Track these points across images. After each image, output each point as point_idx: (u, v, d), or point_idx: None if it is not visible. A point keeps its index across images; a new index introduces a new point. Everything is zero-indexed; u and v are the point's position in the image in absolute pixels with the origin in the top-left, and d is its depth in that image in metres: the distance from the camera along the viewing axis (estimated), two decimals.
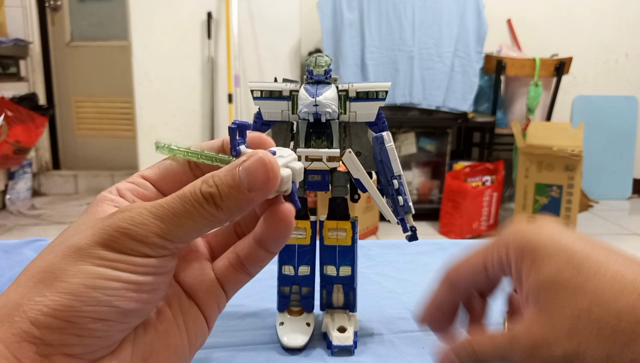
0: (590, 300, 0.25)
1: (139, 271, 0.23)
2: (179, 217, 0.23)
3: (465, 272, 0.31)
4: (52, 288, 0.22)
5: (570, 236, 0.28)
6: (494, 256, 0.30)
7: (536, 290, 0.27)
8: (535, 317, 0.27)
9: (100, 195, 0.27)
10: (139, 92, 2.66)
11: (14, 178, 2.88)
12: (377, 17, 2.56)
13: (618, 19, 2.95)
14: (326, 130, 0.46)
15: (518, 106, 2.79)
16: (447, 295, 0.33)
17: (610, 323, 0.24)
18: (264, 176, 0.24)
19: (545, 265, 0.27)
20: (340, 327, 0.47)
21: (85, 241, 0.23)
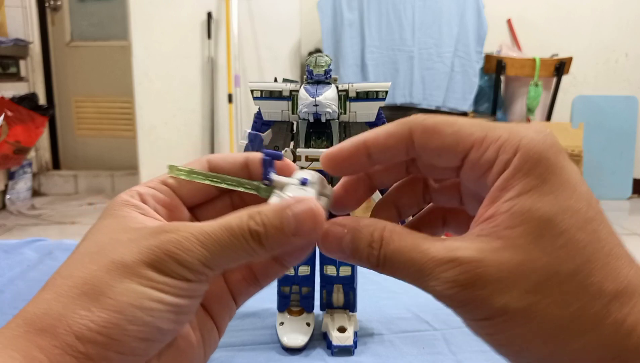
0: (578, 268, 0.21)
1: (180, 294, 0.23)
2: (223, 248, 0.23)
3: (435, 143, 0.24)
4: (98, 303, 0.22)
5: (589, 189, 0.23)
6: (493, 147, 0.23)
7: (522, 217, 0.21)
8: (498, 246, 0.21)
9: (121, 198, 0.27)
10: (139, 92, 2.65)
11: (14, 178, 2.88)
12: (377, 17, 2.56)
13: (618, 19, 2.95)
14: (326, 130, 0.46)
15: (518, 106, 2.79)
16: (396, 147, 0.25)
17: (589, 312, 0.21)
18: (311, 225, 0.24)
19: (555, 198, 0.21)
20: (340, 327, 0.47)
21: (132, 259, 0.23)
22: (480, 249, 0.22)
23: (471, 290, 0.21)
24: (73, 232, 2.49)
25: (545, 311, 0.21)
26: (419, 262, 0.23)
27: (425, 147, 0.24)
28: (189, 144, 2.73)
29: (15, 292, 0.60)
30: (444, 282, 0.22)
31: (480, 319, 0.22)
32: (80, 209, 2.86)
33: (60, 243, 0.74)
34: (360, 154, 0.26)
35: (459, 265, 0.22)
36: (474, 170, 0.24)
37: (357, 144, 0.26)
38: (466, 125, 0.24)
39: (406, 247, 0.23)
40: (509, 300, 0.21)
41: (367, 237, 0.24)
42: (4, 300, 0.58)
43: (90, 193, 3.16)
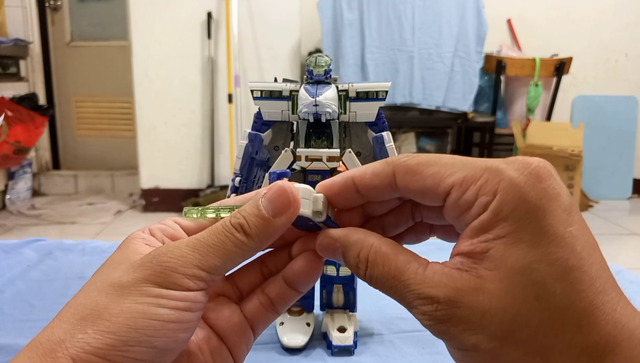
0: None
1: (178, 307, 0.24)
2: (214, 248, 0.24)
3: (416, 185, 0.24)
4: (95, 326, 0.23)
5: (580, 231, 0.22)
6: (472, 189, 0.22)
7: (497, 262, 0.21)
8: (473, 287, 0.22)
9: (132, 234, 0.27)
10: (139, 92, 2.66)
11: (14, 178, 2.88)
12: (377, 17, 2.56)
13: (618, 19, 2.95)
14: (326, 130, 0.46)
15: (518, 106, 2.79)
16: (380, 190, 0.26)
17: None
18: (285, 201, 0.25)
19: (531, 246, 0.21)
20: (340, 327, 0.47)
21: (127, 278, 0.24)
22: (457, 288, 0.22)
23: (446, 325, 0.22)
24: (73, 232, 2.49)
25: (511, 357, 0.21)
26: (401, 292, 0.24)
27: (407, 188, 0.25)
28: (189, 144, 2.73)
29: (15, 292, 0.60)
30: (422, 313, 0.23)
31: (456, 348, 0.23)
32: (80, 209, 2.86)
33: (60, 243, 0.74)
34: (350, 190, 0.26)
35: (436, 302, 0.22)
36: (454, 210, 0.23)
37: (346, 181, 0.26)
38: (447, 165, 0.24)
39: (389, 274, 0.24)
40: (479, 340, 0.21)
41: (354, 256, 0.25)
42: (4, 300, 0.58)
43: (90, 193, 3.16)
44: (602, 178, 2.99)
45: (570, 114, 3.01)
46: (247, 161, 0.47)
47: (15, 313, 0.55)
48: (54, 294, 0.59)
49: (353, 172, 0.26)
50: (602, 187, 2.99)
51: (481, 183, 0.22)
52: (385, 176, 0.25)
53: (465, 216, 0.23)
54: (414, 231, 0.29)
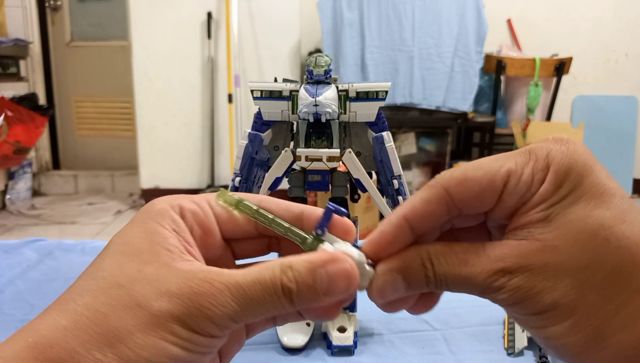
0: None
1: (200, 351, 0.22)
2: (254, 303, 0.23)
3: (473, 189, 0.24)
4: (115, 351, 0.21)
5: (620, 187, 0.23)
6: (527, 170, 0.24)
7: (556, 223, 0.22)
8: (536, 248, 0.22)
9: (161, 206, 0.25)
10: (139, 92, 2.66)
11: (14, 178, 2.88)
12: (377, 17, 2.56)
13: (618, 19, 2.95)
14: (326, 130, 0.46)
15: (518, 106, 2.79)
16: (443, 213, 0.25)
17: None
18: (344, 287, 0.24)
19: (589, 198, 0.22)
20: (340, 327, 0.47)
21: (158, 307, 0.22)
22: (522, 253, 0.23)
23: (521, 292, 0.22)
24: (73, 232, 2.49)
25: (590, 305, 0.22)
26: (472, 277, 0.24)
27: (465, 197, 0.24)
28: (189, 144, 2.73)
29: (15, 292, 0.60)
30: (496, 290, 0.23)
31: (530, 314, 0.23)
32: (80, 209, 2.86)
33: (60, 243, 0.74)
34: (404, 232, 0.25)
35: (508, 273, 0.23)
36: (513, 197, 0.24)
37: (398, 224, 0.25)
38: (492, 161, 0.25)
39: (455, 265, 0.24)
40: (556, 296, 0.22)
41: (420, 269, 0.24)
42: (4, 300, 0.58)
43: (90, 193, 3.16)
44: None
45: (570, 114, 3.00)
46: (247, 161, 0.47)
47: (15, 313, 0.55)
48: (54, 294, 0.59)
49: (401, 211, 0.25)
50: None
51: (532, 162, 0.24)
52: (438, 197, 0.25)
53: (525, 197, 0.24)
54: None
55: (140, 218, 0.25)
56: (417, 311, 0.27)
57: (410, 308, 0.27)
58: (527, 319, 0.24)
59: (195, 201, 0.26)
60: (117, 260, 0.23)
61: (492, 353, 0.47)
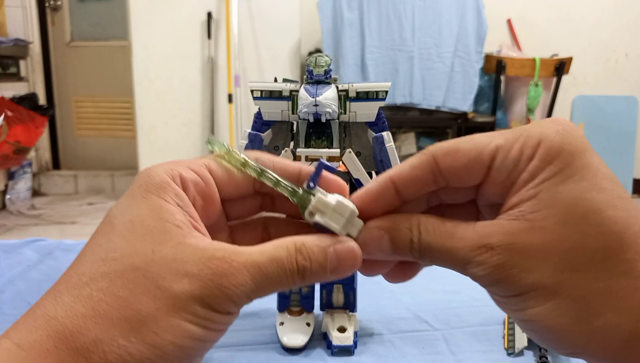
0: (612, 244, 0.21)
1: (218, 329, 0.23)
2: (270, 281, 0.23)
3: (461, 160, 0.25)
4: (140, 335, 0.21)
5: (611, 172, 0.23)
6: (516, 146, 0.24)
7: (546, 201, 0.22)
8: (525, 228, 0.22)
9: (161, 178, 0.24)
10: (139, 92, 2.66)
11: (14, 178, 2.88)
12: (377, 17, 2.56)
13: (618, 19, 2.95)
14: (326, 130, 0.46)
15: (518, 106, 2.79)
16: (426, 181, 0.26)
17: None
18: (350, 265, 0.25)
19: (580, 178, 0.22)
20: (340, 327, 0.47)
21: (181, 290, 0.22)
22: (509, 232, 0.22)
23: (502, 270, 0.22)
24: (73, 232, 2.49)
25: (574, 287, 0.21)
26: (455, 249, 0.24)
27: (451, 167, 0.25)
28: (189, 144, 2.73)
29: (15, 292, 0.60)
30: (477, 265, 0.23)
31: (510, 296, 0.23)
32: (80, 209, 2.86)
33: (60, 243, 0.74)
34: (389, 193, 0.26)
35: (490, 249, 0.23)
36: (501, 173, 0.24)
37: (383, 183, 0.26)
38: (483, 136, 0.25)
39: (441, 236, 0.24)
40: (538, 277, 0.22)
41: (406, 232, 0.25)
42: (4, 300, 0.58)
43: (90, 193, 3.16)
44: None
45: (570, 114, 3.00)
46: None
47: (15, 313, 0.55)
48: None
49: (389, 173, 0.26)
50: None
51: (523, 139, 0.23)
52: (426, 165, 0.25)
53: (513, 175, 0.24)
54: None
55: (140, 192, 0.24)
56: (393, 278, 0.28)
57: (388, 275, 0.28)
58: (508, 301, 0.23)
59: (194, 168, 0.26)
60: (128, 240, 0.23)
61: (492, 353, 0.47)
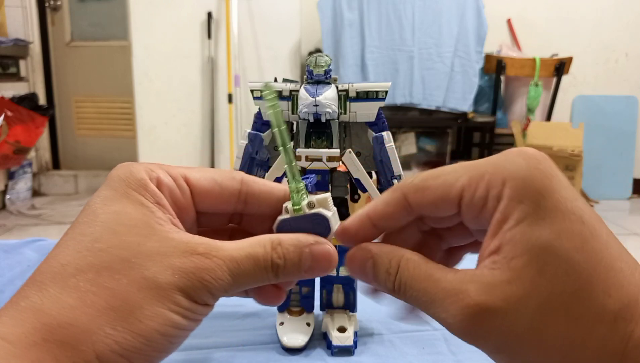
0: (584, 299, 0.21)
1: (196, 319, 0.24)
2: (246, 278, 0.24)
3: (429, 198, 0.25)
4: (126, 324, 0.22)
5: (584, 204, 0.23)
6: (481, 185, 0.23)
7: (524, 246, 0.22)
8: (506, 279, 0.22)
9: (141, 177, 0.25)
10: (139, 92, 2.66)
11: (14, 178, 2.88)
12: (377, 17, 2.56)
13: (618, 19, 2.95)
14: (326, 130, 0.46)
15: (518, 106, 2.79)
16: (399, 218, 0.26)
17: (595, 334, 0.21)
18: (324, 268, 0.26)
19: (550, 223, 0.22)
20: (340, 327, 0.47)
21: (165, 281, 0.23)
22: (489, 283, 0.22)
23: (479, 321, 0.22)
24: None
25: (556, 336, 0.21)
26: (430, 292, 0.23)
27: (421, 204, 0.25)
28: (189, 144, 2.73)
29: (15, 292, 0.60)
30: (452, 314, 0.22)
31: (494, 352, 0.23)
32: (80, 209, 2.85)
33: None
34: (367, 227, 0.26)
35: (467, 297, 0.22)
36: (471, 211, 0.24)
37: (361, 220, 0.26)
38: (451, 173, 0.25)
39: (419, 276, 0.24)
40: (519, 331, 0.21)
41: (386, 263, 0.25)
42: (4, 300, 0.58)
43: (90, 193, 3.15)
44: (602, 178, 2.99)
45: (570, 114, 3.01)
46: (247, 161, 0.47)
47: None
48: None
49: (366, 209, 0.27)
50: (602, 187, 2.99)
51: (488, 177, 0.23)
52: (397, 201, 0.26)
53: (483, 214, 0.23)
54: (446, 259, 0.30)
55: (121, 186, 0.25)
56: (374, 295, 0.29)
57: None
58: (494, 357, 0.23)
59: (173, 175, 0.26)
60: (115, 231, 0.23)
61: None
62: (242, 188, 0.28)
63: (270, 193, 0.28)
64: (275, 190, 0.28)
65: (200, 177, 0.27)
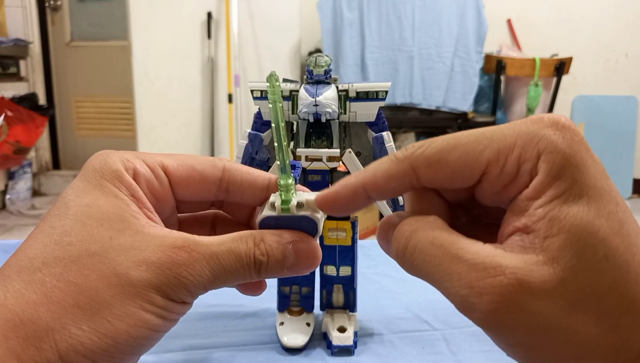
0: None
1: (173, 319, 0.23)
2: (227, 274, 0.23)
3: (444, 174, 0.22)
4: (92, 323, 0.20)
5: (614, 184, 0.20)
6: (511, 159, 0.20)
7: (561, 224, 0.19)
8: (542, 260, 0.19)
9: (117, 168, 0.24)
10: (139, 92, 2.66)
11: (14, 178, 2.88)
12: (377, 17, 2.56)
13: (618, 19, 2.95)
14: (326, 130, 0.46)
15: (518, 106, 2.79)
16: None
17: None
18: (308, 265, 0.25)
19: (587, 201, 0.19)
20: (340, 327, 0.47)
21: (138, 278, 0.21)
22: (525, 261, 0.19)
23: (512, 309, 0.19)
24: None
25: (583, 331, 0.19)
26: (449, 263, 0.20)
27: (434, 180, 0.22)
28: (189, 144, 2.73)
29: None
30: (478, 292, 0.19)
31: (514, 345, 0.20)
32: None
33: None
34: (360, 199, 0.24)
35: (502, 274, 0.19)
36: (494, 186, 0.21)
37: (354, 190, 0.23)
38: (471, 143, 0.21)
39: (437, 240, 0.21)
40: (550, 321, 0.19)
41: (407, 226, 0.22)
42: None
43: None
44: None
45: (570, 114, 3.00)
46: (247, 161, 0.47)
47: None
48: None
49: (362, 179, 0.23)
50: None
51: (518, 150, 0.20)
52: (402, 175, 0.22)
53: (509, 189, 0.21)
54: None
55: (94, 177, 0.24)
56: None
57: None
58: (513, 350, 0.20)
59: (150, 165, 0.25)
60: (85, 224, 0.22)
61: (492, 353, 0.47)
62: (224, 176, 0.26)
63: (253, 182, 0.27)
64: (258, 180, 0.27)
65: (178, 166, 0.26)
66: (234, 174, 0.26)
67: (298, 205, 0.25)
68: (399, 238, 0.22)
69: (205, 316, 0.51)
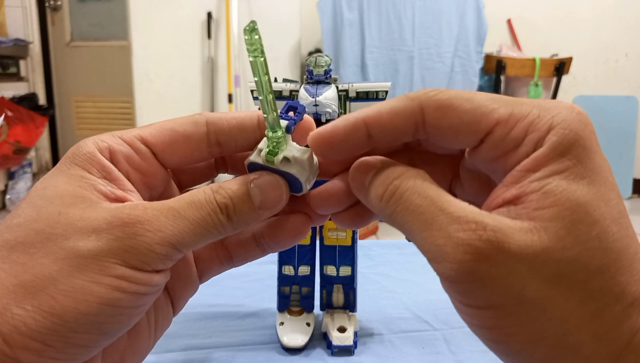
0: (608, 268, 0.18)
1: (139, 292, 0.20)
2: (193, 225, 0.21)
3: (452, 121, 0.21)
4: (36, 302, 0.18)
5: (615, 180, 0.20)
6: (521, 125, 0.20)
7: (556, 197, 0.18)
8: (527, 227, 0.18)
9: (86, 149, 0.22)
10: (139, 92, 2.66)
11: (14, 178, 2.88)
12: (377, 17, 2.56)
13: (618, 19, 2.95)
14: None
15: None
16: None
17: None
18: (276, 198, 0.23)
19: (589, 183, 0.19)
20: (340, 327, 0.47)
21: (87, 247, 0.19)
22: (509, 225, 0.18)
23: (486, 264, 0.18)
24: None
25: (563, 306, 0.18)
26: (432, 214, 0.19)
27: (439, 126, 0.21)
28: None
29: None
30: (455, 243, 0.18)
31: (483, 307, 0.19)
32: None
33: None
34: (359, 136, 0.22)
35: (481, 229, 0.18)
36: (494, 150, 0.20)
37: (355, 124, 0.22)
38: (486, 101, 0.21)
39: (424, 190, 0.20)
40: (527, 286, 0.18)
41: (389, 177, 0.21)
42: None
43: None
44: None
45: None
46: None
47: None
48: None
49: (364, 112, 0.22)
50: None
51: (532, 118, 0.20)
52: (409, 113, 0.21)
53: (509, 157, 0.20)
54: None
55: (65, 164, 0.22)
56: (343, 221, 0.25)
57: (337, 216, 0.25)
58: (476, 313, 0.19)
59: (127, 140, 0.24)
60: (35, 205, 0.21)
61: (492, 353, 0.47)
62: (210, 129, 0.25)
63: (241, 125, 0.25)
64: (246, 120, 0.26)
65: (158, 133, 0.24)
66: (218, 124, 0.25)
67: (284, 159, 0.23)
68: (385, 182, 0.21)
69: (205, 316, 0.51)
